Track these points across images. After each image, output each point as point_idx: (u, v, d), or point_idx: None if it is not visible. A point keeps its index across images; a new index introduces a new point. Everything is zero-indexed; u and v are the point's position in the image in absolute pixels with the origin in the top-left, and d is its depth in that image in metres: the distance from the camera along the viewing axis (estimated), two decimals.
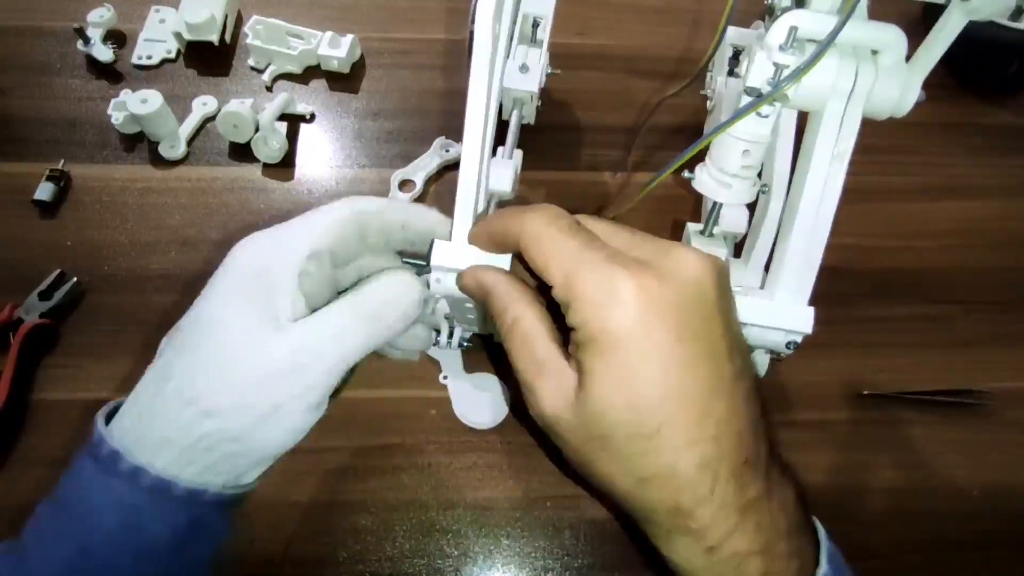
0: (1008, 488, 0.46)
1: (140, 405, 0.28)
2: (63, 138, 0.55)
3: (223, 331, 0.28)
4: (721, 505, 0.27)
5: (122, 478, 0.27)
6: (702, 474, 0.27)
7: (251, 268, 0.29)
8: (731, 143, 0.34)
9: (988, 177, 0.58)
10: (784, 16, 0.31)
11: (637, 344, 0.26)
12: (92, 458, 0.28)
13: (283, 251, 0.29)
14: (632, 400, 0.26)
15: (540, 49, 0.49)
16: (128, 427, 0.28)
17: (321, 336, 0.28)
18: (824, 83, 0.32)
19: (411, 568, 0.41)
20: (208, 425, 0.27)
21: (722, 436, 0.27)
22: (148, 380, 0.28)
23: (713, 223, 0.42)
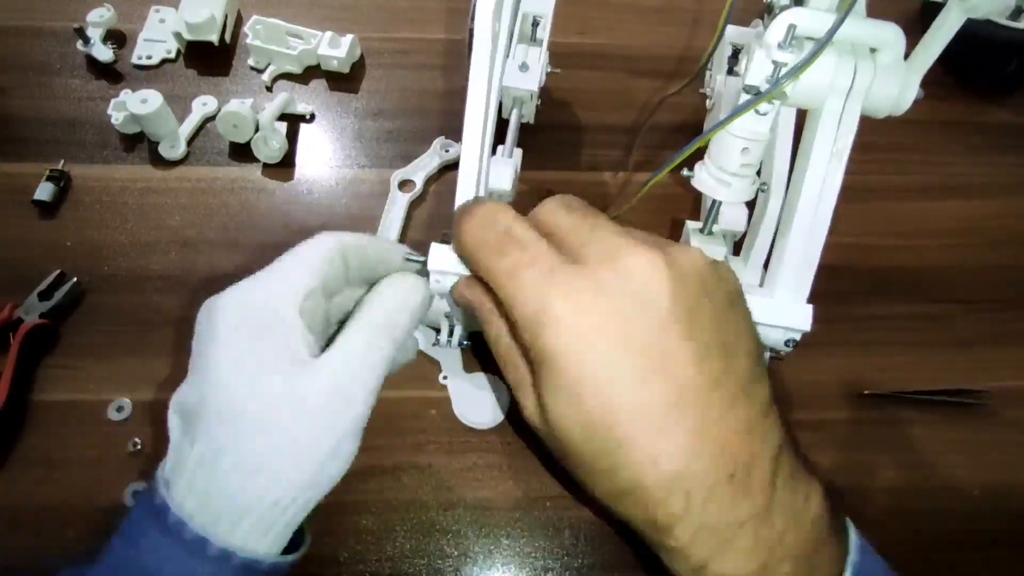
0: (1008, 488, 0.46)
1: (201, 484, 0.26)
2: (63, 138, 0.55)
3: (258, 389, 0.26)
4: (700, 526, 0.25)
5: (211, 562, 0.26)
6: (671, 493, 0.25)
7: (251, 319, 0.28)
8: (730, 141, 0.35)
9: (987, 176, 0.58)
10: (783, 14, 0.31)
11: (578, 363, 0.25)
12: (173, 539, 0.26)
13: (281, 293, 0.28)
14: (584, 418, 0.26)
15: (540, 48, 0.49)
16: (198, 506, 0.26)
17: (351, 363, 0.28)
18: (822, 81, 0.32)
19: (411, 568, 0.41)
20: (280, 488, 0.26)
21: (694, 450, 0.25)
22: (196, 459, 0.26)
23: (712, 221, 0.42)
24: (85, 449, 0.43)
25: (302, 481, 0.27)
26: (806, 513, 0.27)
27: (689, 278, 0.26)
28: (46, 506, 0.41)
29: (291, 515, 0.27)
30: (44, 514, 0.41)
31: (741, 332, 0.27)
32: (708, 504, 0.25)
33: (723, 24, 0.39)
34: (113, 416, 0.44)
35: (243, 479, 0.26)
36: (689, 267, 0.27)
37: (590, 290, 0.26)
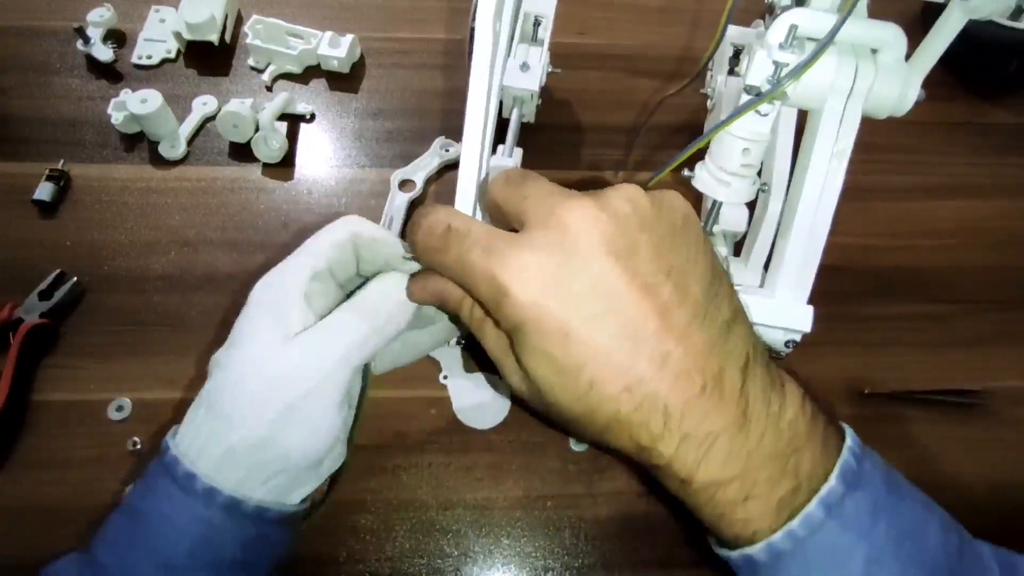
0: (1009, 487, 0.46)
1: (191, 430, 0.31)
2: (63, 138, 0.55)
3: (241, 349, 0.31)
4: (681, 439, 0.27)
5: (198, 497, 0.29)
6: (648, 414, 0.27)
7: (266, 295, 0.32)
8: (731, 141, 0.34)
9: (989, 176, 0.58)
10: (784, 14, 0.31)
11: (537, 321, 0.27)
12: (170, 478, 0.30)
13: (289, 275, 0.32)
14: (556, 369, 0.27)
15: (541, 48, 0.49)
16: (187, 450, 0.30)
17: (322, 336, 0.31)
18: (823, 81, 0.32)
19: (411, 568, 0.41)
20: (234, 436, 0.30)
21: (660, 374, 0.26)
22: (193, 407, 0.32)
23: (713, 221, 0.42)
24: (85, 448, 0.43)
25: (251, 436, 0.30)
26: (781, 418, 0.28)
27: (625, 216, 0.27)
28: (46, 506, 0.41)
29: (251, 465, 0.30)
30: (44, 513, 0.41)
31: (691, 256, 0.28)
32: (684, 419, 0.26)
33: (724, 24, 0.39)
34: (113, 415, 0.44)
35: (212, 426, 0.30)
36: (623, 206, 0.27)
37: (529, 252, 0.27)
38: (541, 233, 0.27)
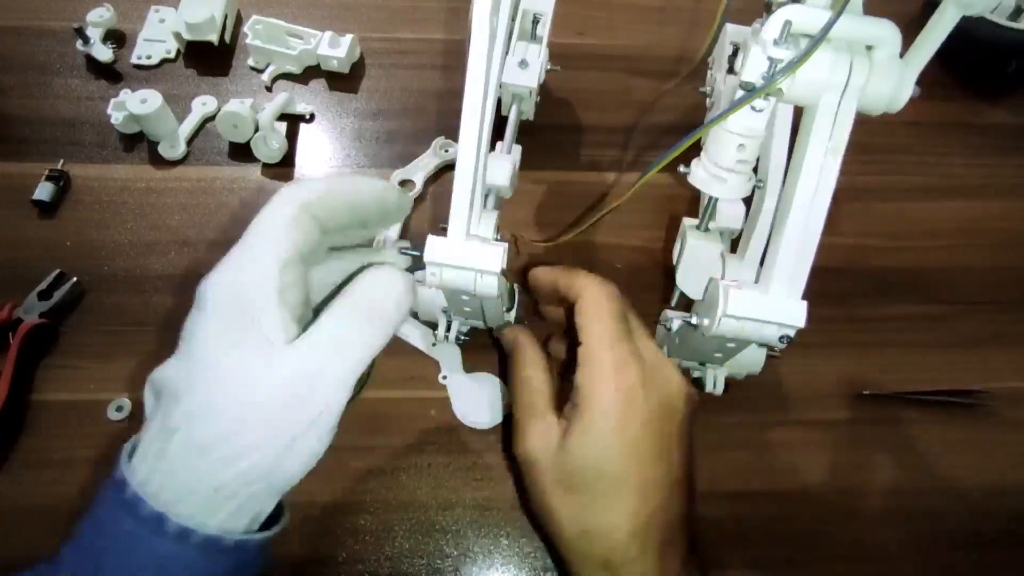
0: (1009, 488, 0.46)
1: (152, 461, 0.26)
2: (62, 138, 0.55)
3: (216, 371, 0.26)
4: (643, 571, 0.34)
5: (170, 538, 0.25)
6: (632, 540, 0.34)
7: (226, 299, 0.27)
8: (726, 137, 0.34)
9: (988, 177, 0.58)
10: (779, 11, 0.31)
11: (614, 420, 0.34)
12: (132, 517, 0.25)
13: (253, 272, 0.27)
14: (600, 461, 0.34)
15: (540, 45, 0.49)
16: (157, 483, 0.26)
17: (319, 355, 0.27)
18: (818, 77, 0.32)
19: (410, 568, 0.41)
20: (226, 474, 0.26)
21: (654, 517, 0.34)
22: (152, 434, 0.26)
23: (709, 218, 0.42)
24: (85, 448, 0.43)
25: (251, 472, 0.26)
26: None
27: (691, 403, 0.37)
28: (46, 506, 0.41)
29: (243, 500, 0.26)
30: (44, 514, 0.41)
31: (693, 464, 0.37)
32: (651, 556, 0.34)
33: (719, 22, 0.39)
34: (112, 416, 0.44)
35: (191, 461, 0.26)
36: (693, 395, 0.37)
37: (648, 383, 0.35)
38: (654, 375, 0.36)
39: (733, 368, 0.43)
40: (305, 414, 0.26)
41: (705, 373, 0.44)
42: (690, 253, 0.42)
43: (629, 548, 0.34)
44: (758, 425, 0.47)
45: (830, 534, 0.44)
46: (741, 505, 0.44)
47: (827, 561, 0.43)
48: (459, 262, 0.32)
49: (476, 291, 0.33)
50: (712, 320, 0.35)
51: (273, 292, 0.27)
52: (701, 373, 0.44)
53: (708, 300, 0.37)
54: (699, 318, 0.37)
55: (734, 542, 0.43)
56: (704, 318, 0.36)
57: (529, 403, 0.38)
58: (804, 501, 0.45)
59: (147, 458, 0.26)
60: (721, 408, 0.45)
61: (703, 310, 0.37)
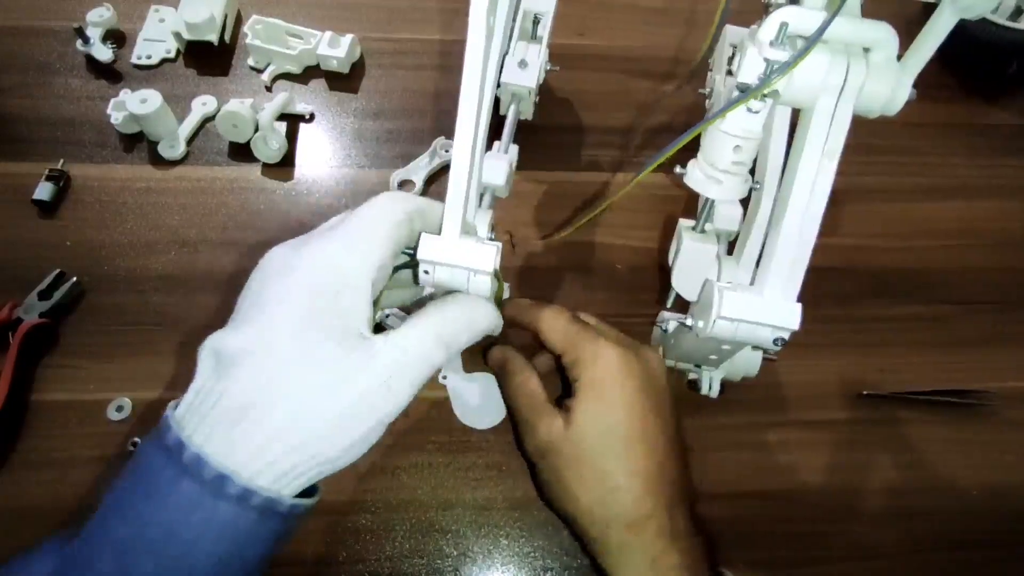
0: (1008, 488, 0.46)
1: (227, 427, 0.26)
2: (62, 138, 0.55)
3: (308, 359, 0.27)
4: (659, 525, 0.36)
5: (230, 501, 0.26)
6: (647, 494, 0.36)
7: (321, 284, 0.28)
8: (722, 138, 0.34)
9: (988, 177, 0.58)
10: (775, 12, 0.31)
11: (614, 390, 0.37)
12: (190, 478, 0.26)
13: (352, 265, 0.29)
14: (606, 426, 0.37)
15: (540, 45, 0.49)
16: (221, 448, 0.26)
17: (409, 364, 0.29)
18: (814, 79, 0.32)
19: (410, 568, 0.41)
20: (300, 456, 0.27)
21: (659, 474, 0.37)
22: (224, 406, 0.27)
23: (705, 219, 0.42)
24: (85, 448, 0.43)
25: (325, 456, 0.27)
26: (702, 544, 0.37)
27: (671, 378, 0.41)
28: (46, 506, 0.41)
29: (305, 479, 0.28)
30: (44, 513, 0.41)
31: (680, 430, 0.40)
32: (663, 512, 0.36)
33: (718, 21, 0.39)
34: (113, 415, 0.44)
35: (269, 437, 0.26)
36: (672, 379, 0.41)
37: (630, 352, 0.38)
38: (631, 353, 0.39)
39: (729, 371, 0.43)
40: (384, 413, 0.28)
41: (701, 375, 0.44)
42: (686, 255, 0.42)
43: (645, 501, 0.36)
44: (759, 425, 0.47)
45: (830, 534, 0.44)
46: (741, 505, 0.44)
47: (827, 561, 0.43)
48: (452, 261, 0.32)
49: (469, 290, 0.33)
50: (706, 322, 0.35)
51: (368, 284, 0.28)
52: (697, 375, 0.44)
53: (703, 301, 0.37)
54: (694, 319, 0.37)
55: (734, 542, 0.43)
56: (699, 320, 0.36)
57: (528, 404, 0.40)
58: (804, 501, 0.45)
59: (214, 426, 0.26)
60: (722, 409, 0.45)
61: (698, 311, 0.37)
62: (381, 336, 0.29)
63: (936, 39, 0.33)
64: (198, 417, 0.27)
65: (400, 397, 0.28)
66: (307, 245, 0.29)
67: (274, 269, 0.29)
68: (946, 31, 0.32)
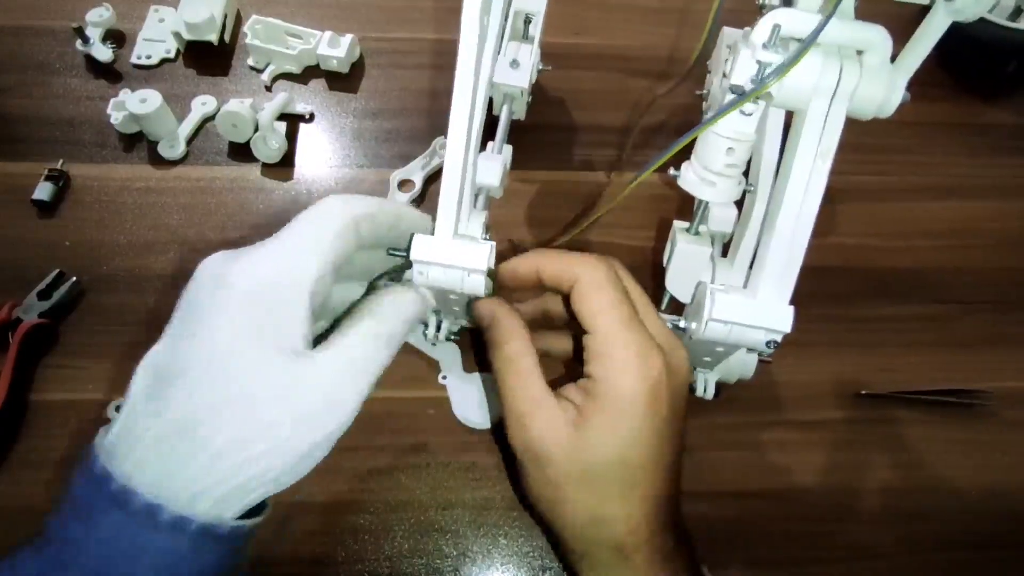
0: (1008, 488, 0.46)
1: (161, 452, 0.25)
2: (62, 138, 0.55)
3: (244, 371, 0.26)
4: (654, 550, 0.33)
5: (164, 530, 0.25)
6: (644, 522, 0.33)
7: (257, 293, 0.27)
8: (715, 141, 0.34)
9: (987, 177, 0.58)
10: (768, 14, 0.31)
11: (642, 412, 0.32)
12: (119, 510, 0.25)
13: (291, 273, 0.28)
14: (624, 454, 0.32)
15: (531, 46, 0.49)
16: (154, 476, 0.25)
17: (352, 372, 0.28)
18: (807, 82, 0.32)
19: (410, 568, 0.41)
20: (245, 474, 0.26)
21: (667, 499, 0.34)
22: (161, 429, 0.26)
23: (700, 221, 0.42)
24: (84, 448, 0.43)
25: (270, 475, 0.27)
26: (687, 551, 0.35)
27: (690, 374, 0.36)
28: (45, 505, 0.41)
29: (248, 501, 0.27)
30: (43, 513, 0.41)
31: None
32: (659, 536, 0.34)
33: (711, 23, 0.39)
34: (112, 416, 0.44)
35: (211, 458, 0.25)
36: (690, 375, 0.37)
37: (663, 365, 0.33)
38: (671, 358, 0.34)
39: (724, 373, 0.43)
40: (330, 427, 0.27)
41: (696, 377, 0.44)
42: (680, 256, 0.42)
43: (642, 528, 0.33)
44: (757, 425, 0.47)
45: (828, 534, 0.44)
46: (740, 505, 0.44)
47: (825, 561, 0.43)
48: (446, 260, 0.32)
49: (463, 290, 0.33)
50: (699, 324, 0.35)
51: (307, 297, 0.27)
52: (692, 377, 0.44)
53: (696, 303, 0.37)
54: (687, 321, 0.37)
55: (733, 542, 0.43)
56: (691, 321, 0.36)
57: (522, 386, 0.33)
58: (802, 501, 0.45)
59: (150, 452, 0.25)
60: (720, 409, 0.45)
61: (691, 313, 0.37)
62: (321, 348, 0.28)
63: (930, 42, 0.33)
64: (130, 441, 0.26)
65: (347, 407, 0.28)
66: (245, 255, 0.28)
67: (210, 281, 0.28)
68: (939, 33, 0.32)
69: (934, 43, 0.32)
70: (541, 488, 0.34)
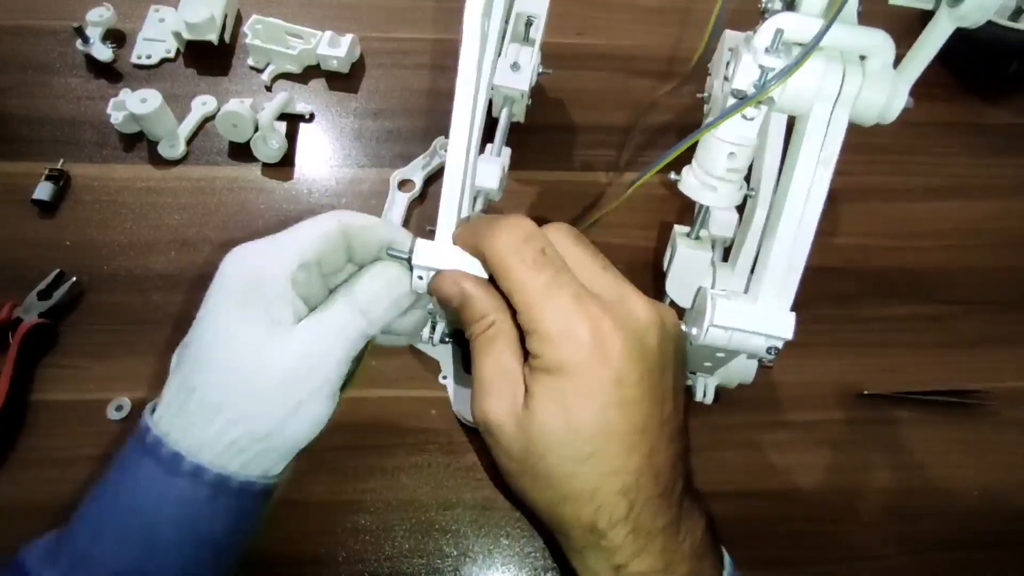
0: (1008, 488, 0.46)
1: (173, 413, 0.30)
2: (62, 137, 0.55)
3: (232, 341, 0.30)
4: (633, 529, 0.30)
5: (185, 477, 0.29)
6: (620, 501, 0.30)
7: (245, 279, 0.31)
8: (717, 145, 0.34)
9: (988, 177, 0.58)
10: (770, 19, 0.31)
11: (583, 380, 0.29)
12: (152, 457, 0.30)
13: (273, 262, 0.31)
14: (571, 427, 0.29)
15: (532, 48, 0.49)
16: (171, 432, 0.30)
17: (325, 334, 0.31)
18: (810, 87, 0.32)
19: (410, 568, 0.41)
20: (237, 431, 0.30)
21: (643, 470, 0.30)
22: (173, 391, 0.31)
23: (701, 226, 0.42)
24: (85, 448, 0.43)
25: (259, 431, 0.30)
26: (698, 527, 0.32)
27: (669, 334, 0.31)
28: (46, 505, 0.41)
29: (248, 457, 0.30)
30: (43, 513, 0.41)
31: (682, 386, 0.33)
32: (642, 513, 0.30)
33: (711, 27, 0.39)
34: (112, 415, 0.44)
35: (207, 416, 0.30)
36: (671, 324, 0.32)
37: (609, 320, 0.30)
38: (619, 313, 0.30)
39: (724, 378, 0.43)
40: (308, 385, 0.30)
41: (696, 382, 0.44)
42: (680, 261, 0.42)
43: (616, 507, 0.30)
44: (758, 425, 0.47)
45: (829, 534, 0.44)
46: (742, 505, 0.44)
47: (826, 561, 0.43)
48: (445, 265, 0.32)
49: None
50: (700, 329, 0.35)
51: (286, 281, 0.31)
52: (692, 382, 0.44)
53: (696, 309, 0.37)
54: (687, 327, 0.37)
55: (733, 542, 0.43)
56: (692, 327, 0.36)
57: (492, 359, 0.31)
58: (803, 501, 0.45)
59: (168, 410, 0.30)
60: (721, 409, 0.45)
61: (691, 319, 0.37)
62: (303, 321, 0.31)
63: (933, 47, 0.32)
64: (162, 403, 0.31)
65: (322, 370, 0.30)
66: (246, 247, 0.32)
67: (221, 270, 0.32)
68: (943, 39, 0.32)
69: (938, 48, 0.32)
70: (505, 465, 0.32)
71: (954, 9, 0.31)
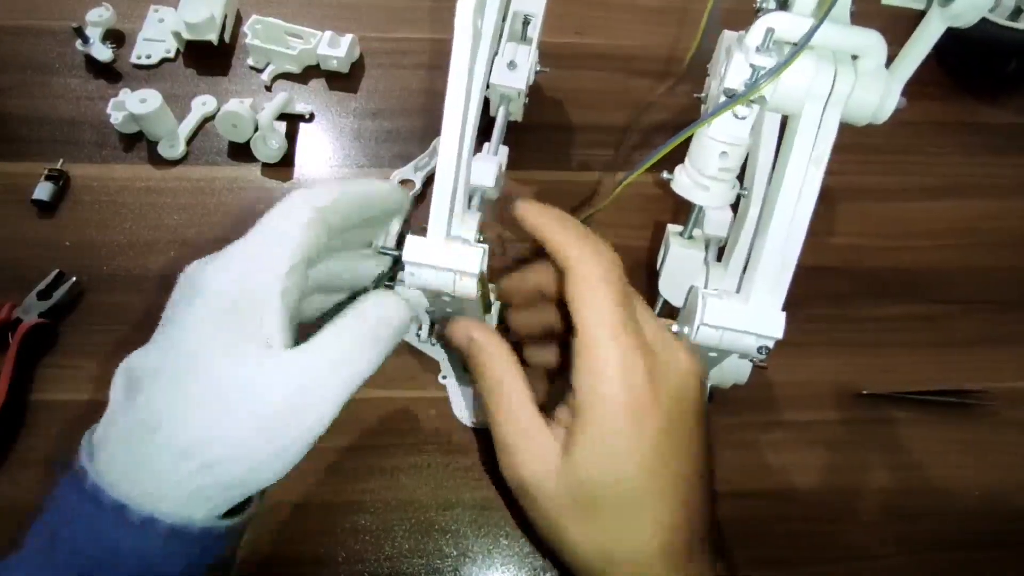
0: (1008, 488, 0.46)
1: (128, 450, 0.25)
2: (62, 137, 0.55)
3: (212, 369, 0.25)
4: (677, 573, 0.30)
5: (134, 528, 0.24)
6: (663, 559, 0.30)
7: (229, 293, 0.27)
8: (709, 144, 0.34)
9: (986, 177, 0.58)
10: (762, 18, 0.31)
11: (629, 429, 0.29)
12: (93, 505, 0.25)
13: (261, 270, 0.27)
14: (618, 473, 0.29)
15: (530, 47, 0.49)
16: (121, 474, 0.25)
17: (318, 369, 0.26)
18: (801, 86, 0.32)
19: (410, 568, 0.41)
20: (206, 478, 0.25)
21: (683, 525, 0.30)
22: (125, 430, 0.26)
23: (694, 225, 0.42)
24: None
25: (232, 479, 0.25)
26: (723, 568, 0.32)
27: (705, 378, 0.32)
28: None
29: (222, 500, 0.26)
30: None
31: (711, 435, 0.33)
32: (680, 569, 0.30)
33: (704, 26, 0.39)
34: None
35: (171, 462, 0.25)
36: (703, 376, 0.32)
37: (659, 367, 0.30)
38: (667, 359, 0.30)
39: (718, 378, 0.43)
40: (297, 427, 0.26)
41: None
42: (673, 260, 0.42)
43: (655, 566, 0.30)
44: (756, 425, 0.47)
45: (827, 534, 0.44)
46: (740, 505, 0.44)
47: (824, 561, 0.44)
48: (437, 263, 0.32)
49: (455, 292, 0.33)
50: (691, 329, 0.35)
51: (278, 294, 0.26)
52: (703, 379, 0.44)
53: (688, 308, 0.37)
54: (680, 326, 0.37)
55: (732, 542, 0.43)
56: (684, 326, 0.36)
57: (511, 414, 0.31)
58: (801, 501, 0.45)
59: (117, 453, 0.25)
60: (717, 409, 0.45)
61: (683, 318, 0.37)
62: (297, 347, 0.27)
63: (925, 47, 0.32)
64: (104, 440, 0.26)
65: (316, 411, 0.26)
66: (217, 257, 0.28)
67: (186, 285, 0.28)
68: (935, 39, 0.32)
69: (930, 48, 0.32)
70: (544, 526, 0.31)
71: (946, 9, 0.31)
